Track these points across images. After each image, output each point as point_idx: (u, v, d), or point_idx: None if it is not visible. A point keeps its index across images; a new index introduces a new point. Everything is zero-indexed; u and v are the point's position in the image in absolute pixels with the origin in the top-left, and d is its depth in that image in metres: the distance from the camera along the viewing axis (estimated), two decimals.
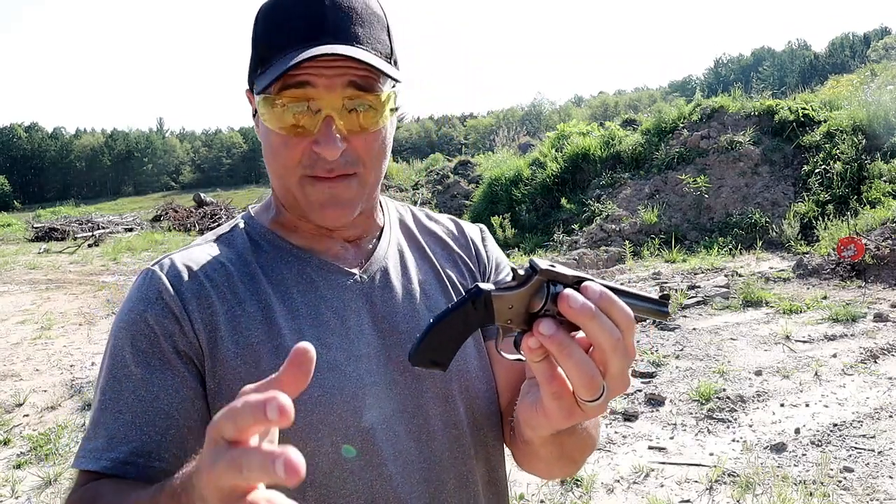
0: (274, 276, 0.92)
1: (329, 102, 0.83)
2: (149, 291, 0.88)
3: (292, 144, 0.86)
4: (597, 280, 0.70)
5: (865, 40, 79.83)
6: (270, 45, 0.85)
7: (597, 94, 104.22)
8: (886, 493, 3.33)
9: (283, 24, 0.85)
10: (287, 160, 0.87)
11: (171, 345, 0.86)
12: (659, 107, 17.79)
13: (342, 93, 0.84)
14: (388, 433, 0.89)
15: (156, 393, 0.84)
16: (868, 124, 11.19)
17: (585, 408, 0.70)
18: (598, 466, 3.80)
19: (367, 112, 0.85)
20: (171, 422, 0.83)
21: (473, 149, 37.98)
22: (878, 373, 4.88)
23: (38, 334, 7.37)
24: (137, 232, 18.93)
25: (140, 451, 0.81)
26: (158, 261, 0.93)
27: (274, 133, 0.86)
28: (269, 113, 0.85)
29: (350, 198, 0.89)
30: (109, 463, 0.81)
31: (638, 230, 11.02)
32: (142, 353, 0.85)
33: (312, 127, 0.84)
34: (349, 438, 0.86)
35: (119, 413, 0.83)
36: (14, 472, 4.05)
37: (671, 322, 6.40)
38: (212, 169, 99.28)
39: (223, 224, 1.02)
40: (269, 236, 0.96)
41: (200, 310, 0.87)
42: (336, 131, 0.84)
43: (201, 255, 0.93)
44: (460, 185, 17.04)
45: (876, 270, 7.60)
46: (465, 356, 0.98)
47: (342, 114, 0.84)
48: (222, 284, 0.90)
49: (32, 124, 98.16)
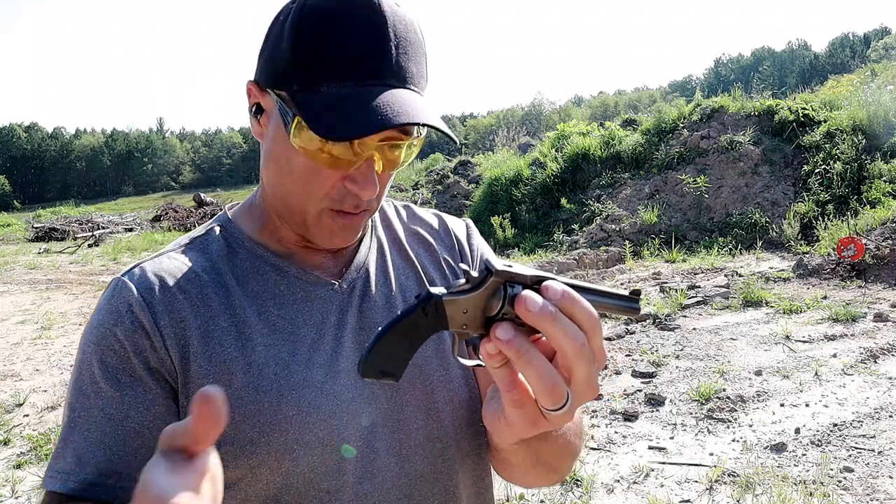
0: (250, 288, 0.88)
1: (374, 144, 0.79)
2: (119, 304, 0.84)
3: (325, 175, 0.80)
4: (559, 279, 0.66)
5: (865, 40, 79.85)
6: (322, 67, 0.76)
7: (597, 94, 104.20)
8: (886, 493, 3.33)
9: (341, 46, 0.75)
10: (315, 189, 0.81)
11: (142, 361, 0.82)
12: (659, 107, 17.81)
13: (387, 135, 0.79)
14: (366, 450, 0.86)
15: (125, 411, 0.80)
16: (868, 124, 11.19)
17: (549, 417, 0.66)
18: (598, 466, 3.80)
19: (395, 149, 0.82)
20: (142, 441, 0.80)
21: (473, 149, 37.98)
22: (878, 373, 4.88)
23: (38, 334, 7.37)
24: (137, 232, 18.94)
25: (109, 471, 0.78)
26: (129, 270, 0.88)
27: (304, 158, 0.79)
28: (305, 136, 0.77)
29: (360, 226, 0.88)
30: (77, 485, 0.78)
31: (638, 230, 11.02)
32: (111, 370, 0.81)
33: (349, 160, 0.79)
34: (326, 457, 0.83)
35: (87, 432, 0.80)
36: (14, 472, 4.05)
37: (671, 322, 6.40)
38: (212, 169, 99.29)
39: (200, 226, 0.97)
40: (248, 243, 0.91)
41: (172, 324, 0.83)
42: (374, 172, 0.80)
43: (173, 263, 0.88)
44: (460, 185, 17.04)
45: (876, 270, 7.61)
46: (449, 365, 0.94)
47: (382, 154, 0.81)
48: (196, 297, 0.85)
49: (32, 124, 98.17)
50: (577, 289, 0.67)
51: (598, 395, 0.67)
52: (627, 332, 6.24)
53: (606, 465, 3.81)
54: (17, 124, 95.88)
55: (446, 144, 63.98)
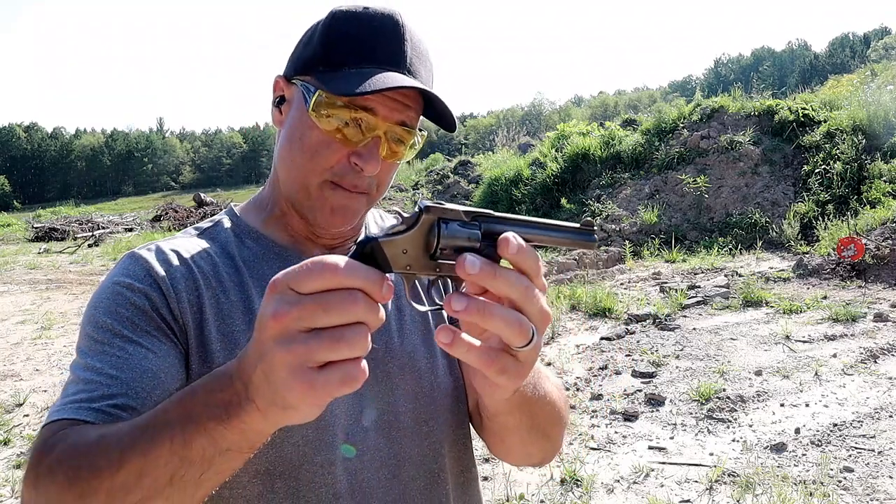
0: (256, 272, 0.94)
1: (382, 125, 0.88)
2: (136, 268, 0.88)
3: (334, 148, 0.88)
4: (495, 215, 0.69)
5: (865, 40, 79.84)
6: (347, 53, 0.87)
7: (597, 94, 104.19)
8: (886, 493, 3.33)
9: (366, 40, 0.87)
10: (322, 161, 0.89)
11: (158, 316, 0.84)
12: (659, 107, 17.82)
13: (394, 121, 0.88)
14: (356, 429, 0.90)
15: (143, 353, 0.81)
16: (868, 124, 11.19)
17: (521, 355, 0.68)
18: (598, 466, 3.80)
19: (402, 144, 0.91)
20: (157, 382, 0.79)
21: (473, 149, 37.98)
22: (878, 373, 4.88)
23: (38, 334, 7.37)
24: (137, 232, 18.94)
25: (124, 405, 0.76)
26: (144, 246, 0.93)
27: (318, 131, 0.88)
28: (322, 110, 0.87)
29: (357, 211, 0.94)
30: (89, 412, 0.75)
31: (638, 230, 11.02)
32: (126, 320, 0.83)
33: (357, 140, 0.88)
34: (319, 432, 0.87)
35: (100, 370, 0.79)
36: (14, 472, 4.04)
37: (671, 322, 6.40)
38: (212, 169, 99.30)
39: (205, 220, 1.03)
40: (254, 234, 0.98)
41: (188, 292, 0.87)
42: (379, 152, 0.88)
43: (187, 244, 0.94)
44: (460, 185, 17.04)
45: (876, 270, 7.61)
46: (434, 354, 0.99)
47: (388, 138, 0.89)
48: (208, 272, 0.91)
49: (32, 124, 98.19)
50: (525, 225, 0.70)
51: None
52: (627, 332, 6.24)
53: (606, 465, 3.81)
54: (16, 124, 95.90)
55: (446, 144, 63.96)
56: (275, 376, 0.56)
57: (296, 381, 0.55)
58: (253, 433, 0.61)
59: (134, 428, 0.67)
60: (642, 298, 7.47)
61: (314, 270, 0.56)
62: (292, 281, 0.56)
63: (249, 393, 0.59)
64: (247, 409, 0.59)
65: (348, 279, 0.56)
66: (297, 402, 0.56)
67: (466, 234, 0.67)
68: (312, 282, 0.55)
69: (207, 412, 0.61)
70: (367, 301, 0.56)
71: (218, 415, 0.61)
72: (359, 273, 0.56)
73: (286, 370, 0.55)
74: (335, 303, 0.55)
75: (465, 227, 0.67)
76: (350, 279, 0.56)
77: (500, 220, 0.70)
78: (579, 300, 7.22)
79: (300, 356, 0.55)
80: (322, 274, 0.56)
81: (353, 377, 0.56)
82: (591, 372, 5.31)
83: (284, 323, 0.55)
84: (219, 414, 0.61)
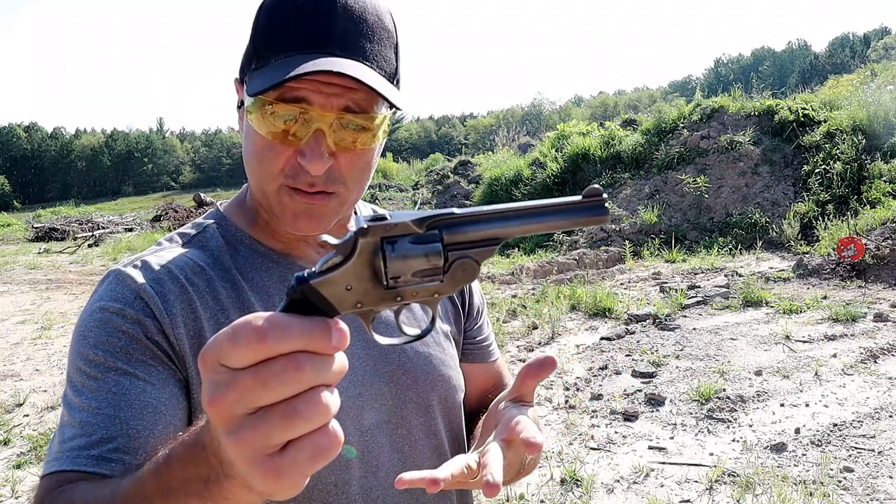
0: (255, 283, 0.88)
1: (322, 117, 0.79)
2: (123, 291, 0.81)
3: (277, 151, 0.81)
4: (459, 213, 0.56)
5: (865, 40, 79.83)
6: (270, 44, 0.80)
7: (597, 94, 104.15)
8: (886, 493, 3.33)
9: (288, 24, 0.79)
10: (270, 166, 0.82)
11: (153, 344, 0.79)
12: (659, 107, 17.81)
13: (339, 108, 0.79)
14: (371, 444, 0.88)
15: (141, 386, 0.75)
16: (868, 124, 11.19)
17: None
18: (598, 466, 3.79)
19: (358, 132, 0.81)
20: (159, 417, 0.75)
21: (473, 149, 37.97)
22: (878, 373, 4.88)
23: (38, 334, 7.36)
24: (137, 232, 18.93)
25: (126, 447, 0.72)
26: (129, 262, 0.85)
27: (259, 135, 0.81)
28: (258, 115, 0.80)
29: (326, 213, 0.85)
30: (89, 461, 0.71)
31: (638, 230, 11.02)
32: (120, 351, 0.77)
33: (301, 137, 0.80)
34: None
35: (97, 410, 0.74)
36: (14, 472, 4.04)
37: (671, 322, 6.40)
38: (212, 169, 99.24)
39: (189, 224, 0.95)
40: (247, 240, 0.91)
41: (184, 314, 0.81)
42: (325, 147, 0.80)
43: (176, 257, 0.86)
44: (460, 185, 17.03)
45: (876, 270, 7.60)
46: (448, 365, 0.98)
47: (334, 129, 0.80)
48: (204, 290, 0.84)
49: (32, 124, 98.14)
50: (506, 217, 0.57)
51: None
52: (627, 332, 6.24)
53: (606, 465, 3.81)
54: (16, 124, 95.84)
55: (446, 144, 63.87)
56: (236, 468, 0.49)
57: (257, 471, 0.47)
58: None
59: (115, 498, 0.63)
60: (642, 298, 7.47)
61: (239, 339, 0.46)
62: (220, 355, 0.47)
63: (225, 469, 0.51)
64: (226, 485, 0.52)
65: (281, 343, 0.46)
66: (267, 490, 0.49)
67: (422, 252, 0.54)
68: (241, 354, 0.46)
69: (186, 487, 0.56)
70: (313, 361, 0.47)
71: (198, 490, 0.55)
72: (292, 331, 0.46)
73: (244, 461, 0.48)
74: (274, 375, 0.46)
75: (420, 243, 0.54)
76: (283, 343, 0.46)
77: (467, 220, 0.56)
78: (579, 300, 7.22)
79: (254, 444, 0.47)
80: (249, 343, 0.46)
81: (323, 449, 0.48)
82: (591, 372, 5.31)
83: (223, 409, 0.47)
84: (198, 489, 0.55)
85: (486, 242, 0.57)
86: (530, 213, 0.58)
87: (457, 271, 0.56)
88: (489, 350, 1.11)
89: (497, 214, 0.57)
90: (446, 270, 0.56)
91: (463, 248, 0.56)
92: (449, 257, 0.55)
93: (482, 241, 0.57)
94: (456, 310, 1.07)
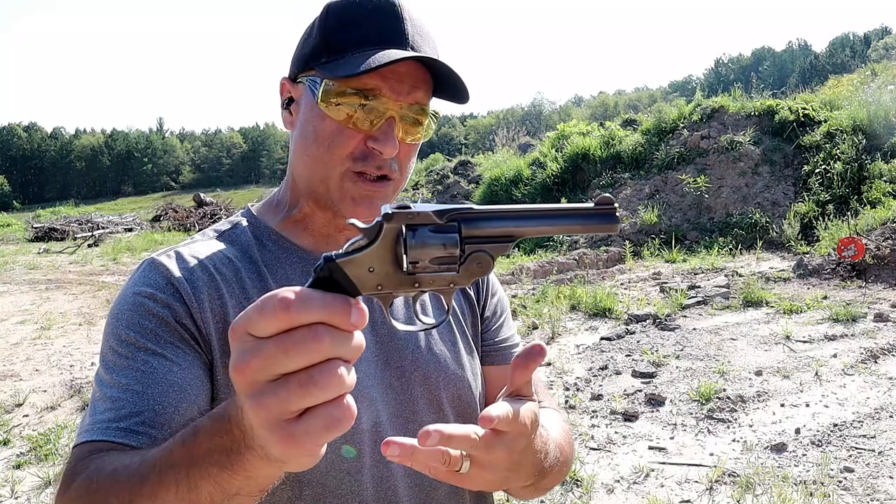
0: (279, 276, 0.93)
1: (394, 106, 0.87)
2: (156, 277, 0.86)
3: (348, 135, 0.88)
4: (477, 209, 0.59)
5: (865, 40, 79.85)
6: (347, 39, 0.87)
7: (597, 94, 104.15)
8: (887, 493, 3.33)
9: (364, 23, 0.87)
10: (339, 149, 0.88)
11: (182, 327, 0.83)
12: (659, 107, 17.81)
13: (406, 101, 0.88)
14: (382, 436, 0.89)
15: (168, 366, 0.80)
16: (868, 124, 11.19)
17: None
18: (598, 466, 3.79)
19: (416, 125, 0.90)
20: (184, 395, 0.79)
21: (473, 149, 37.96)
22: (878, 373, 4.88)
23: (38, 334, 7.36)
24: (137, 232, 18.93)
25: (153, 421, 0.76)
26: (163, 252, 0.91)
27: (330, 120, 0.87)
28: (330, 101, 0.86)
29: (382, 200, 0.92)
30: (118, 433, 0.75)
31: (638, 230, 11.02)
32: (149, 332, 0.82)
33: (371, 124, 0.87)
34: (343, 440, 0.86)
35: (129, 384, 0.79)
36: (14, 472, 4.04)
37: (671, 322, 6.40)
38: (212, 169, 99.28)
39: (222, 221, 1.02)
40: (274, 236, 0.96)
41: (211, 300, 0.86)
42: (396, 133, 0.88)
43: (208, 249, 0.92)
44: (460, 185, 17.02)
45: (876, 270, 7.60)
46: (462, 364, 0.99)
47: (401, 120, 0.88)
48: (231, 279, 0.89)
49: (32, 124, 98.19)
50: (519, 216, 0.61)
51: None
52: (627, 333, 6.24)
53: (606, 466, 3.80)
54: (16, 124, 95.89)
55: (447, 144, 63.76)
56: (255, 432, 0.53)
57: (274, 436, 0.51)
58: (261, 478, 0.58)
59: (144, 465, 0.66)
60: (642, 298, 7.46)
61: (266, 309, 0.50)
62: (248, 324, 0.50)
63: (247, 440, 0.55)
64: (248, 456, 0.56)
65: (304, 314, 0.50)
66: (283, 455, 0.52)
67: (441, 241, 0.58)
68: (267, 323, 0.50)
69: (210, 458, 0.59)
70: (332, 335, 0.50)
71: (220, 461, 0.58)
72: (314, 304, 0.50)
73: (262, 426, 0.51)
74: (295, 344, 0.49)
75: (439, 233, 0.58)
76: (306, 314, 0.50)
77: (484, 216, 0.60)
78: (579, 300, 7.21)
79: (272, 409, 0.50)
80: (275, 313, 0.49)
81: (336, 420, 0.51)
82: (591, 372, 5.31)
83: (247, 375, 0.50)
84: (221, 460, 0.58)
85: (501, 239, 0.60)
86: (544, 214, 0.62)
87: (472, 263, 0.59)
88: (511, 353, 1.11)
89: (513, 213, 0.61)
90: (462, 261, 0.59)
91: (479, 242, 0.60)
92: (465, 249, 0.59)
93: (497, 238, 0.60)
94: (473, 311, 1.08)
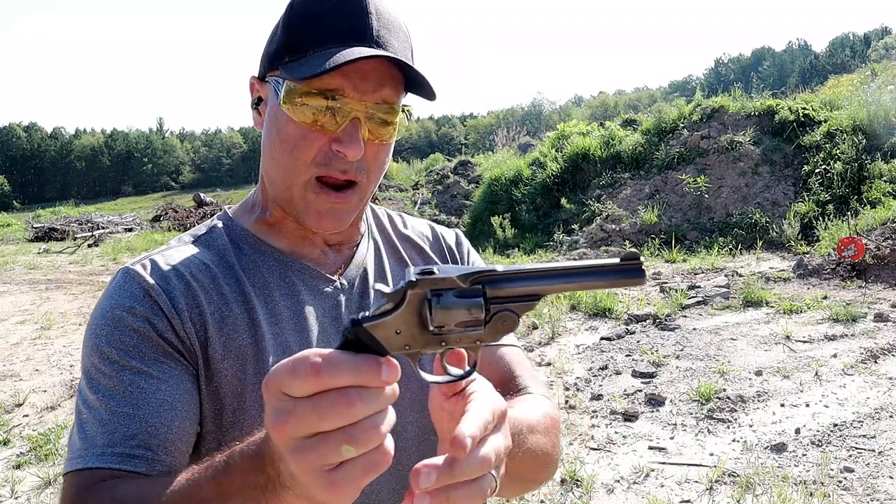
0: (257, 280, 0.91)
1: (358, 106, 0.84)
2: (133, 289, 0.84)
3: (312, 139, 0.84)
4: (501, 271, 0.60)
5: (865, 40, 79.85)
6: (308, 37, 0.84)
7: (597, 94, 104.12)
8: (887, 494, 3.33)
9: (326, 20, 0.84)
10: (303, 154, 0.85)
11: (164, 341, 0.82)
12: (659, 107, 17.81)
13: (371, 100, 0.84)
14: None
15: (156, 384, 0.79)
16: (868, 124, 11.18)
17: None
18: (598, 466, 3.79)
19: (384, 125, 0.86)
20: (175, 413, 0.79)
21: (473, 149, 37.96)
22: (878, 373, 4.88)
23: (38, 334, 7.36)
24: (137, 232, 18.93)
25: (147, 443, 0.76)
26: (138, 260, 0.89)
27: (293, 124, 0.84)
28: (293, 103, 0.83)
29: (348, 210, 0.90)
30: (114, 458, 0.74)
31: (638, 230, 11.02)
32: (132, 349, 0.81)
33: (335, 126, 0.84)
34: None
35: (115, 410, 0.77)
36: (14, 473, 4.04)
37: (671, 322, 6.40)
38: (212, 169, 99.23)
39: (200, 225, 1.00)
40: (251, 239, 0.95)
41: (189, 309, 0.85)
42: (360, 134, 0.85)
43: (183, 256, 0.90)
44: (460, 185, 17.03)
45: (876, 270, 7.60)
46: None
47: (367, 120, 0.85)
48: (209, 286, 0.88)
49: (32, 124, 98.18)
50: (545, 276, 0.61)
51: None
52: (627, 333, 6.24)
53: (606, 466, 3.80)
54: (16, 124, 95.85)
55: (446, 144, 63.77)
56: (298, 479, 0.55)
57: (318, 484, 0.54)
58: None
59: (171, 499, 0.66)
60: (642, 298, 7.46)
61: (298, 372, 0.52)
62: (282, 384, 0.53)
63: (283, 480, 0.58)
64: (283, 495, 0.58)
65: (335, 379, 0.52)
66: (326, 500, 0.55)
67: (465, 306, 0.59)
68: (300, 385, 0.52)
69: (244, 493, 0.61)
70: (364, 396, 0.53)
71: (255, 497, 0.60)
72: (344, 368, 0.52)
73: (304, 475, 0.54)
74: (328, 409, 0.52)
75: (464, 297, 0.59)
76: (337, 378, 0.52)
77: (509, 277, 0.61)
78: (579, 300, 7.21)
79: (313, 463, 0.53)
80: (306, 377, 0.52)
81: (375, 464, 0.54)
82: (591, 372, 5.31)
83: (285, 434, 0.53)
84: (256, 496, 0.60)
85: (526, 298, 0.61)
86: (569, 273, 0.62)
87: (497, 322, 0.61)
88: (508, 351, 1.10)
89: (537, 273, 0.61)
90: (488, 321, 0.60)
91: (504, 302, 0.60)
92: (491, 310, 0.60)
93: (522, 297, 0.61)
94: None
